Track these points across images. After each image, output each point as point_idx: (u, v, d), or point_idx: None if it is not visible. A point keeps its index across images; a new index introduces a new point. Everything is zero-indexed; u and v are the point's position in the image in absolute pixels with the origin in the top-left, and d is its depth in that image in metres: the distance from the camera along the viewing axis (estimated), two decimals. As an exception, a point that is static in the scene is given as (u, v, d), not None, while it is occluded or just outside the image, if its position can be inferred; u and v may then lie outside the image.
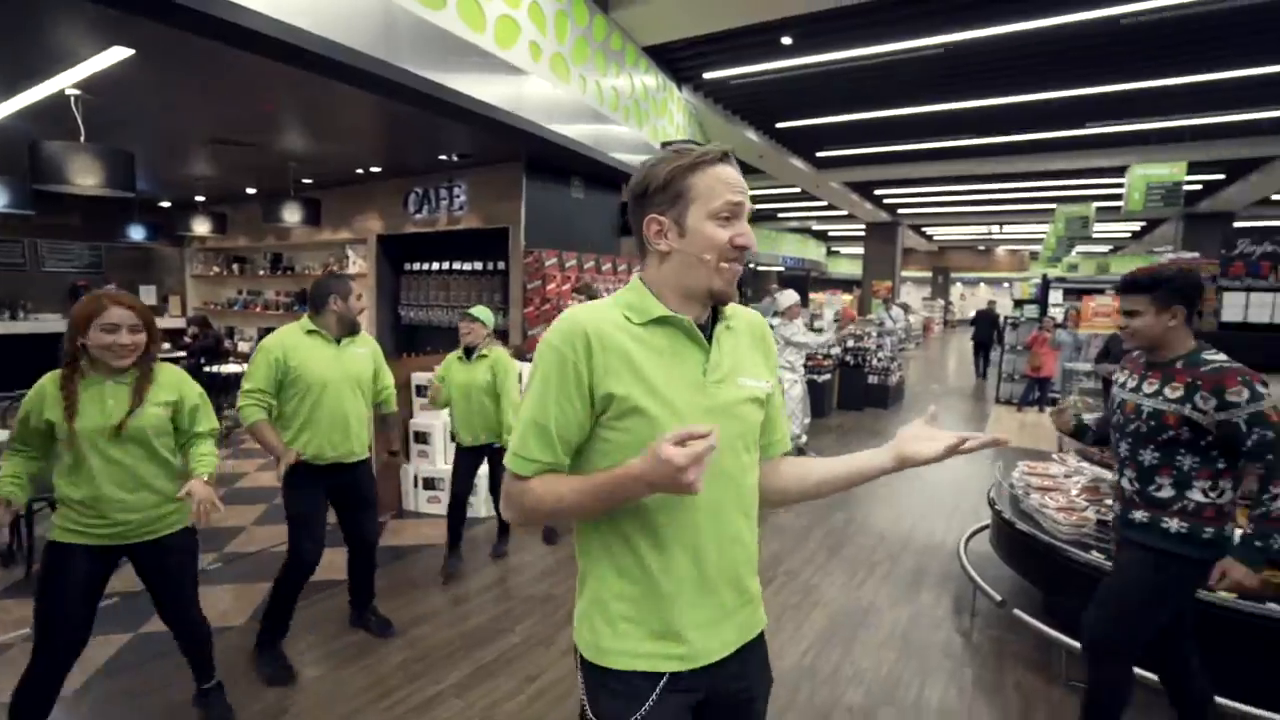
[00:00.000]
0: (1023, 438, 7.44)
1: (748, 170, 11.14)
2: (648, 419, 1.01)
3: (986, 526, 3.73)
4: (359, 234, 7.11)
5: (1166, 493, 1.98)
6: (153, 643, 2.88)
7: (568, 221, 6.41)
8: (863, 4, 5.14)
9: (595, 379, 1.01)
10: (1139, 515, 2.04)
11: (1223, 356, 1.95)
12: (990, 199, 14.08)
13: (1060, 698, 2.63)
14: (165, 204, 8.98)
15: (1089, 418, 2.44)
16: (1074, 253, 12.95)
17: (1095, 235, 14.12)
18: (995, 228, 19.38)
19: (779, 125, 9.07)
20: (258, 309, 9.07)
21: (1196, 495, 1.94)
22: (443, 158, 5.83)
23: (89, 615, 2.05)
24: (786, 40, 6.08)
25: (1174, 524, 1.96)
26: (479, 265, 6.40)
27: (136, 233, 8.12)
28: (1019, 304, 10.22)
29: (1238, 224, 13.04)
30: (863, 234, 18.03)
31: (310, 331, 2.73)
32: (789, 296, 6.04)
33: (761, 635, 1.19)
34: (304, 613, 3.17)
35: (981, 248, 26.80)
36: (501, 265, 6.18)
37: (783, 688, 2.67)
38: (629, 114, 6.18)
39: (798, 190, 13.47)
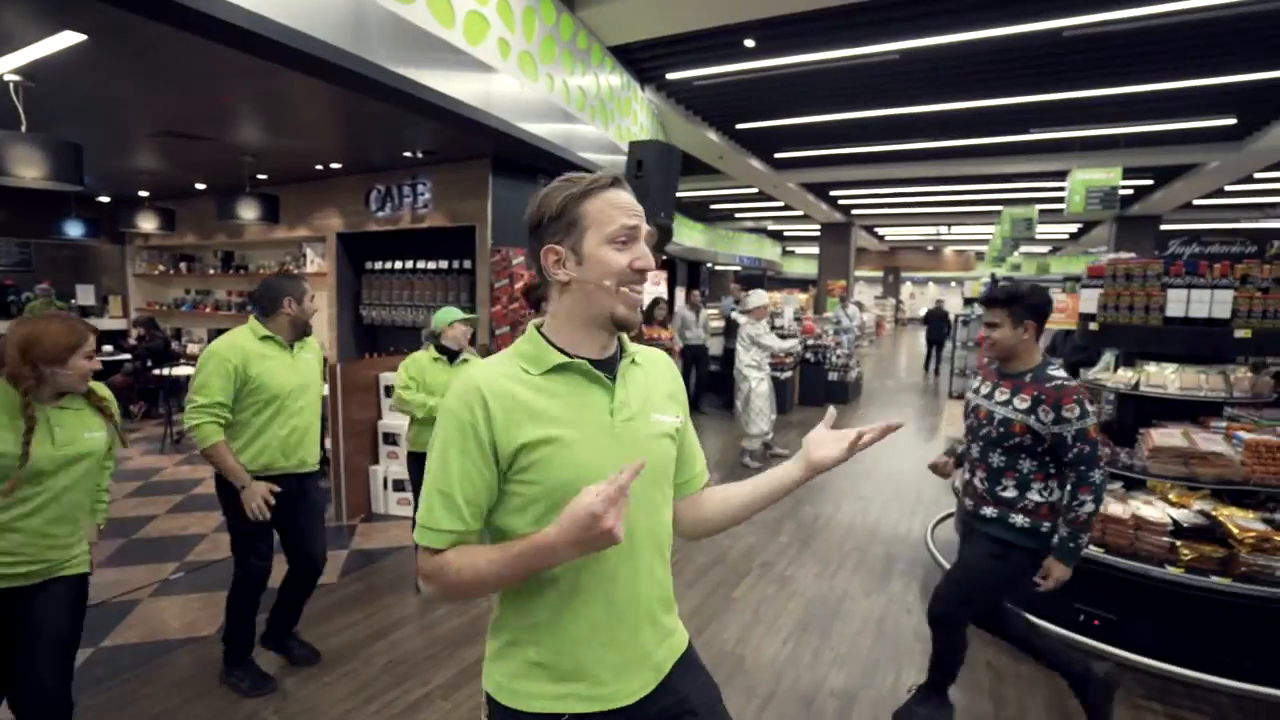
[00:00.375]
0: (975, 430, 7.76)
1: (708, 170, 11.27)
2: (557, 462, 0.99)
3: (951, 514, 3.88)
4: (318, 232, 6.90)
5: (1011, 493, 2.22)
6: (118, 656, 2.77)
7: (534, 220, 6.36)
8: (823, 9, 5.28)
9: (498, 437, 0.98)
10: (989, 511, 2.26)
11: (1063, 374, 2.16)
12: (939, 200, 14.59)
13: (1028, 673, 2.78)
14: (104, 199, 8.54)
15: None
16: (1017, 253, 13.56)
17: (1037, 236, 14.78)
18: (944, 228, 20.08)
19: (739, 126, 9.20)
20: (207, 309, 8.71)
21: (1035, 495, 2.19)
22: (407, 154, 5.72)
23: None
24: (749, 43, 6.19)
25: (1019, 520, 2.20)
26: (444, 264, 6.30)
27: (73, 229, 7.70)
28: (969, 302, 10.62)
29: (1164, 226, 13.85)
30: (817, 234, 18.43)
31: (264, 338, 2.54)
32: (758, 297, 6.14)
33: (687, 652, 1.18)
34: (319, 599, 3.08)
35: (930, 248, 27.74)
36: (468, 264, 6.10)
37: (766, 674, 2.74)
38: (595, 113, 6.18)
39: (755, 191, 13.69)
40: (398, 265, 6.59)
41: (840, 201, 15.24)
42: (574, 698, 1.03)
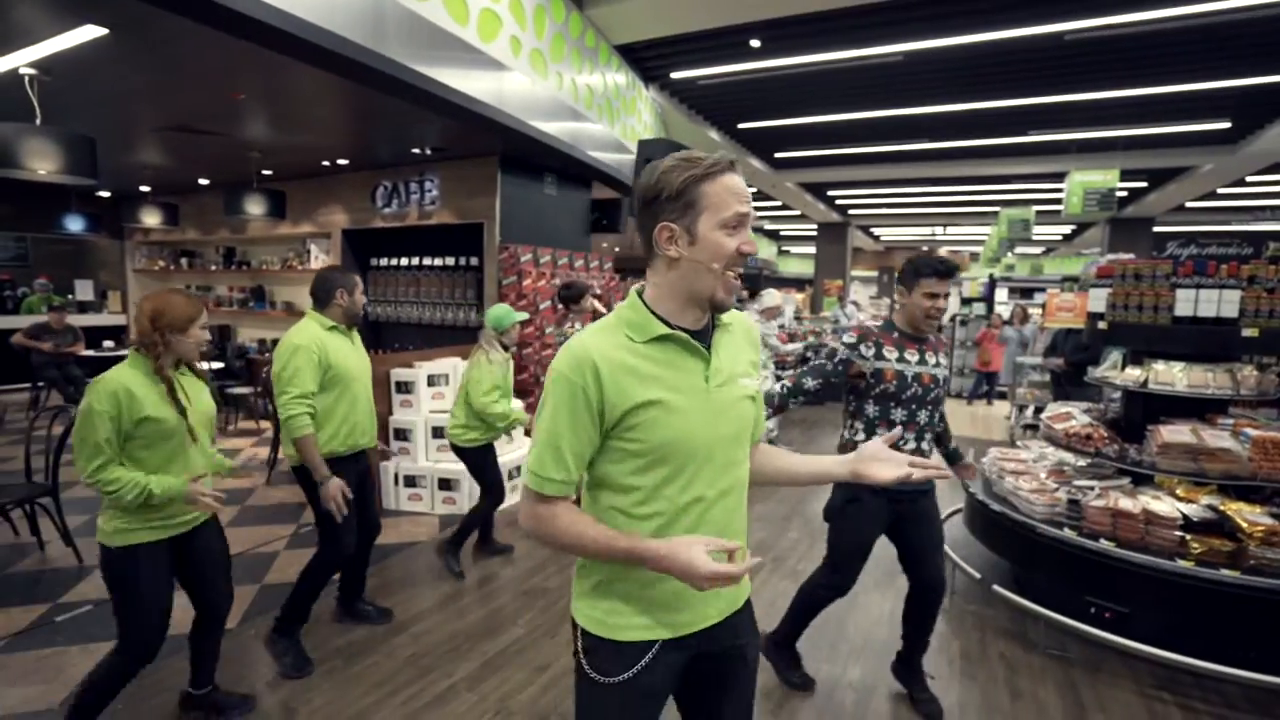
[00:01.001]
0: (975, 428, 7.84)
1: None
2: (660, 424, 1.10)
3: (959, 510, 3.94)
4: (322, 228, 6.90)
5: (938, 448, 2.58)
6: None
7: (540, 217, 6.39)
8: (830, 10, 5.33)
9: (607, 401, 1.08)
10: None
11: None
12: (936, 201, 14.69)
13: (1040, 664, 2.83)
14: (104, 194, 8.48)
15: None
16: (1011, 254, 13.69)
17: (1033, 237, 14.92)
18: (939, 229, 20.22)
19: (741, 126, 9.24)
20: (211, 304, 8.68)
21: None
22: (415, 151, 5.73)
23: (170, 606, 2.13)
24: (754, 43, 6.23)
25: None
26: (451, 261, 6.31)
27: (74, 224, 7.64)
28: (966, 302, 10.71)
29: (1157, 228, 14.00)
30: (814, 234, 18.52)
31: (330, 327, 2.72)
32: (772, 297, 6.20)
33: (749, 602, 1.31)
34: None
35: (925, 248, 27.91)
36: (475, 261, 6.11)
37: (787, 666, 2.78)
38: (601, 112, 6.21)
39: (754, 190, 13.76)
40: (403, 262, 6.59)
41: (838, 201, 15.33)
42: (663, 626, 1.17)
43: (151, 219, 6.91)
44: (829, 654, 2.90)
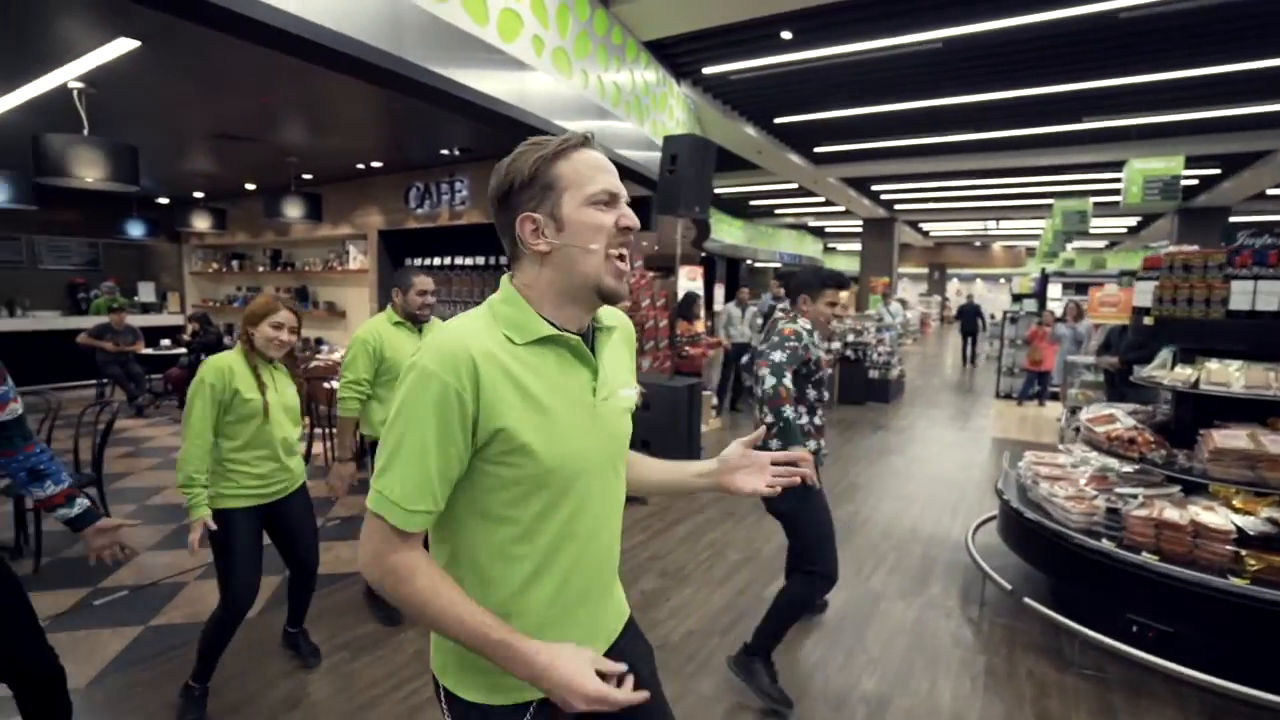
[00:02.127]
0: (1024, 431, 7.48)
1: (746, 166, 11.15)
2: (540, 449, 0.92)
3: (994, 517, 3.74)
4: (359, 229, 7.08)
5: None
6: (163, 635, 2.88)
7: (569, 216, 6.39)
8: (863, -2, 5.16)
9: (482, 413, 0.89)
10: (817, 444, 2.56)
11: None
12: (987, 194, 14.12)
13: (1072, 684, 2.65)
14: (163, 201, 8.92)
15: None
16: (1070, 248, 12.96)
17: (1091, 231, 14.18)
18: (991, 223, 19.44)
19: (777, 120, 9.07)
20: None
21: None
22: (444, 152, 5.81)
23: (261, 561, 2.39)
24: (786, 35, 6.08)
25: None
26: (481, 260, 6.38)
27: (135, 229, 8.07)
28: (1017, 298, 10.25)
29: (1235, 218, 13.11)
30: (860, 230, 18.07)
31: (396, 322, 2.90)
32: None
33: (630, 619, 1.20)
34: (314, 605, 3.16)
35: (978, 243, 26.89)
36: (505, 260, 6.16)
37: (795, 676, 2.69)
38: (630, 109, 6.17)
39: (795, 186, 13.49)
40: (436, 261, 6.70)
41: (883, 196, 14.90)
42: (531, 687, 0.96)
43: (202, 223, 7.23)
44: (844, 663, 2.79)
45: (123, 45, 3.36)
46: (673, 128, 7.17)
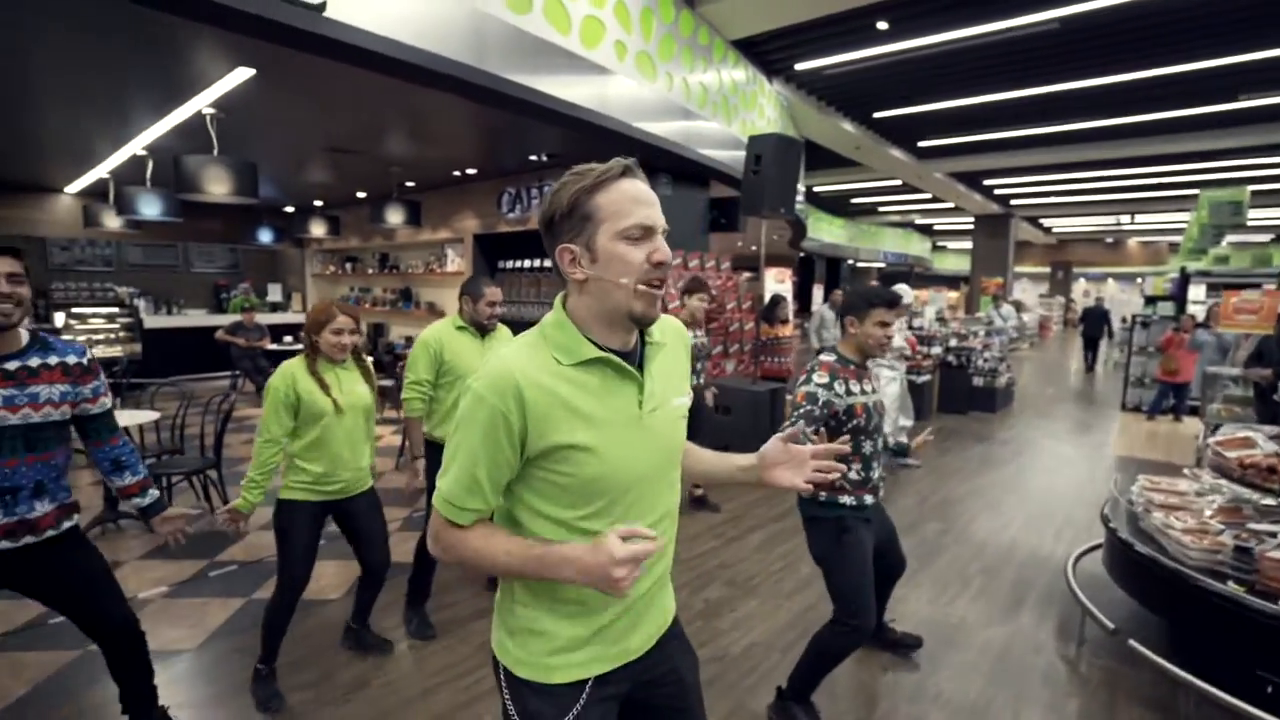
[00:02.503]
0: (1153, 449, 6.74)
1: (845, 163, 10.73)
2: (590, 460, 1.02)
3: (1099, 545, 3.39)
4: (457, 233, 7.45)
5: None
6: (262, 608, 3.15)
7: (655, 218, 6.42)
8: (968, -20, 4.83)
9: (530, 430, 1.00)
10: (872, 499, 2.40)
11: None
12: (1119, 186, 12.82)
13: (1179, 741, 2.35)
14: (288, 209, 9.79)
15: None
16: (1224, 243, 11.42)
17: (1250, 223, 12.51)
18: (1125, 218, 17.62)
19: (876, 115, 8.68)
20: (367, 305, 9.72)
21: None
22: (533, 158, 6.00)
23: (314, 554, 2.53)
24: (882, 25, 5.80)
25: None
26: (567, 263, 6.55)
27: (265, 236, 8.91)
28: (1150, 301, 9.24)
29: None
30: (971, 227, 16.94)
31: (460, 327, 2.94)
32: (903, 292, 5.77)
33: (676, 621, 1.26)
34: (392, 593, 3.35)
35: (1109, 240, 24.48)
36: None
37: (858, 701, 2.56)
38: (717, 109, 6.10)
39: (899, 182, 12.85)
40: (526, 264, 6.93)
41: (996, 191, 13.89)
42: (594, 661, 1.11)
43: (319, 229, 7.87)
44: (914, 693, 2.62)
45: (241, 74, 3.71)
46: (764, 126, 7.02)
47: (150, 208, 5.90)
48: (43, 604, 1.96)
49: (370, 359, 7.98)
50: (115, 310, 9.39)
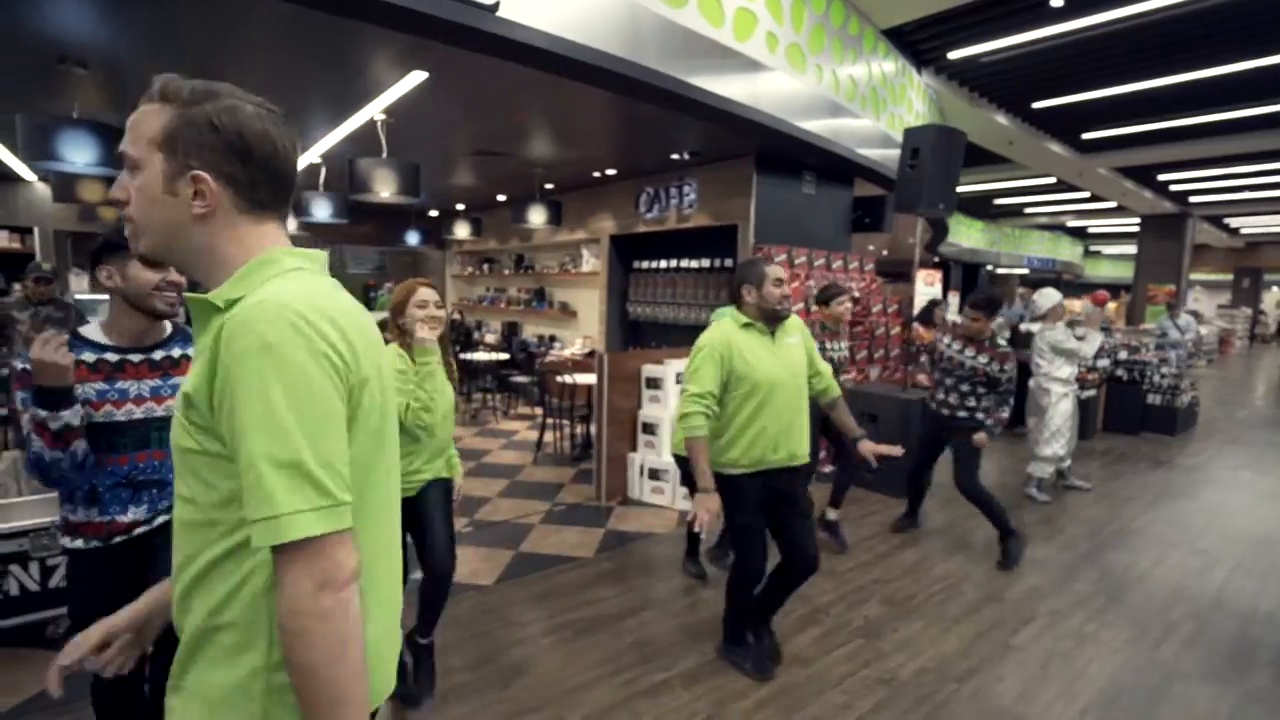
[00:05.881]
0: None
1: (992, 160, 9.96)
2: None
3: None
4: (593, 234, 7.58)
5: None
6: (530, 561, 3.29)
7: (797, 217, 6.21)
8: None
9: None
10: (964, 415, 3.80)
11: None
12: (1333, 179, 11.01)
13: None
14: (433, 213, 10.41)
15: None
16: None
17: None
18: (1336, 217, 15.12)
19: (1035, 105, 7.94)
20: (502, 305, 10.15)
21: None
22: (674, 157, 5.97)
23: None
24: (1056, 2, 5.27)
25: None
26: (706, 263, 6.47)
27: (412, 238, 9.52)
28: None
29: None
30: (1135, 229, 15.19)
31: (745, 325, 2.51)
32: (1049, 296, 5.23)
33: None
34: (541, 584, 3.41)
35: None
36: (729, 263, 6.18)
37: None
38: (865, 103, 5.80)
39: (1052, 181, 11.75)
40: (662, 264, 6.93)
41: (1172, 187, 12.36)
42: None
43: (462, 231, 8.27)
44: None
45: (415, 78, 3.93)
46: (911, 121, 6.62)
47: (322, 210, 6.44)
48: None
49: (505, 355, 8.32)
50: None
